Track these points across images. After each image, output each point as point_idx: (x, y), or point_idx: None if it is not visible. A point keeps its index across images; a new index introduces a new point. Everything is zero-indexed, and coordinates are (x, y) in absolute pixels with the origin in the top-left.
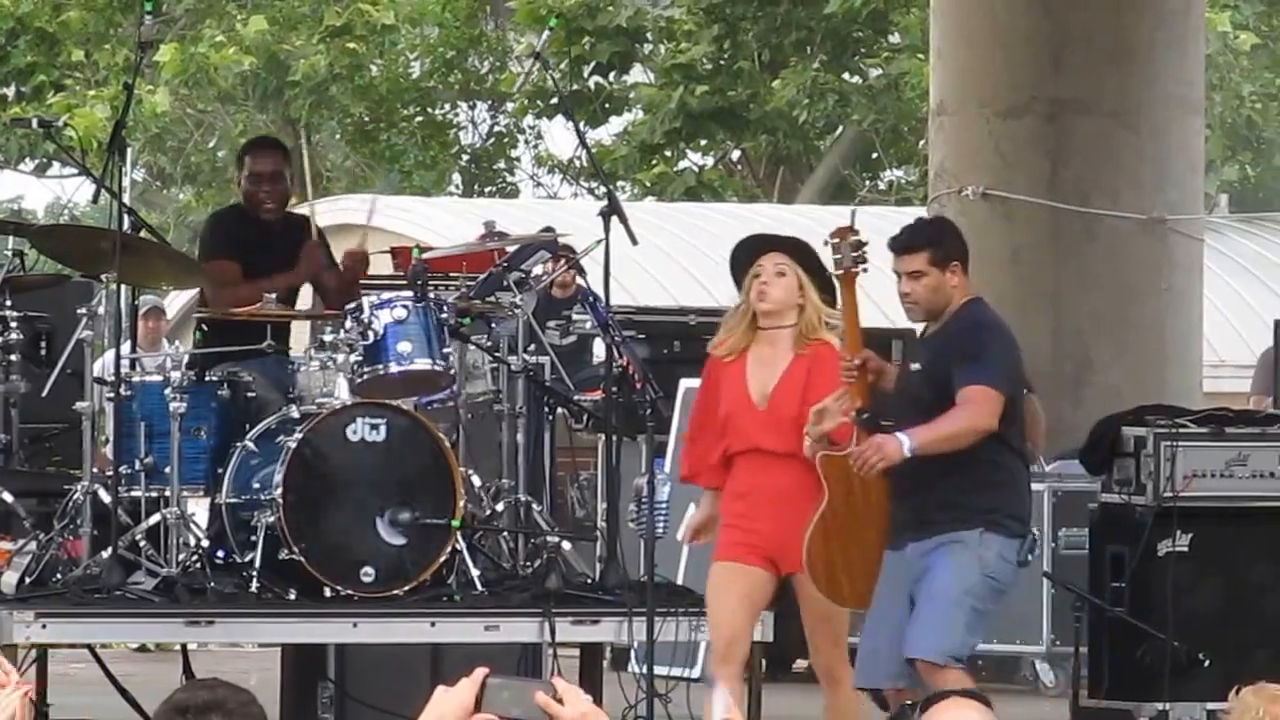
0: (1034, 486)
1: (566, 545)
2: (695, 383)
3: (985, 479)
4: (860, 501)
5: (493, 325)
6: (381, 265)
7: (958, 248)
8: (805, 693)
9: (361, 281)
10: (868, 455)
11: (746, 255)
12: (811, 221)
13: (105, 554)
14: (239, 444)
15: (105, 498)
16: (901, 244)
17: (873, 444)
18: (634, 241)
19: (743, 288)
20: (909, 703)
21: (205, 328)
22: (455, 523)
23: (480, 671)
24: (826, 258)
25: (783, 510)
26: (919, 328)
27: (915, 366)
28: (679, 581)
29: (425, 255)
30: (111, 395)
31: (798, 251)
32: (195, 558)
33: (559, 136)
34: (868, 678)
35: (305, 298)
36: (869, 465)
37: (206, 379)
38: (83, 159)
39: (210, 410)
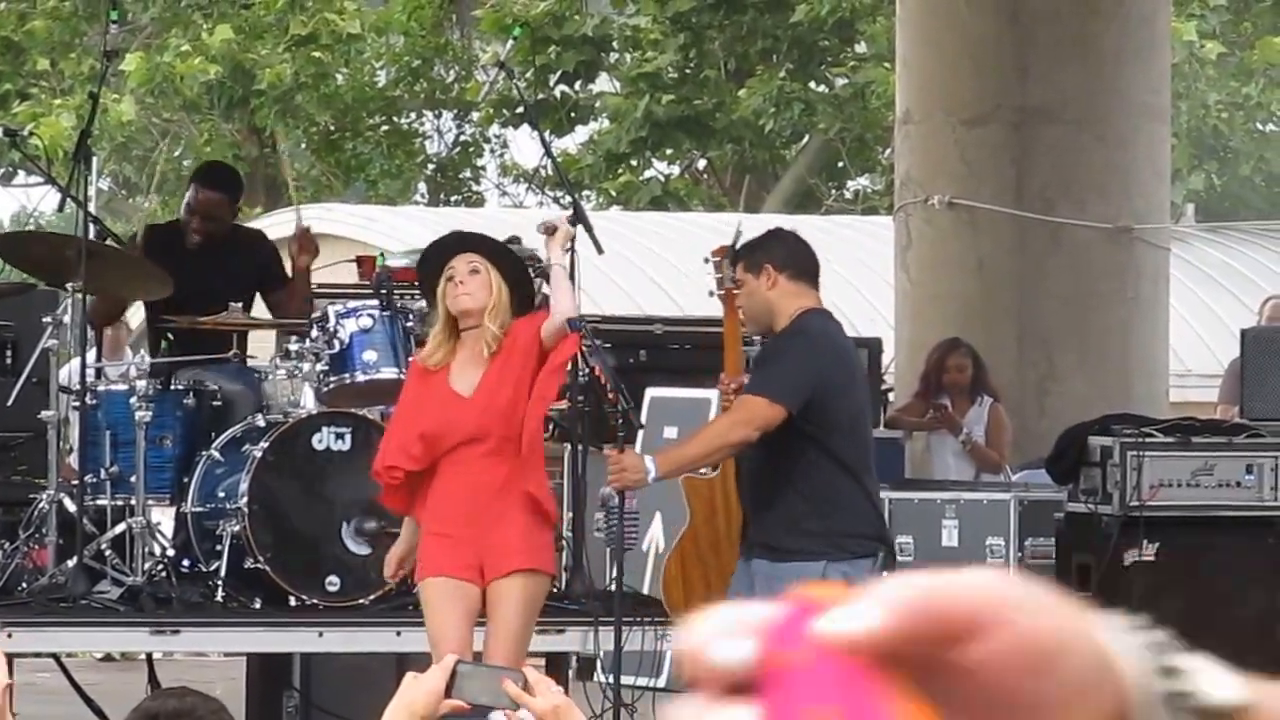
0: (999, 496)
1: None
2: (661, 392)
3: (821, 497)
4: (724, 525)
5: None
6: (347, 274)
7: (771, 252)
8: None
9: (323, 290)
10: (610, 469)
11: (436, 259)
12: None
13: (70, 563)
14: (204, 453)
15: (70, 506)
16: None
17: (617, 460)
18: (600, 251)
19: (436, 293)
20: None
21: (170, 336)
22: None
23: (451, 658)
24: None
25: (489, 512)
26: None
27: None
28: (645, 591)
29: (390, 264)
30: (77, 404)
31: (489, 250)
32: (160, 567)
33: (525, 145)
34: None
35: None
36: (611, 480)
37: (172, 387)
38: (48, 168)
39: (175, 419)
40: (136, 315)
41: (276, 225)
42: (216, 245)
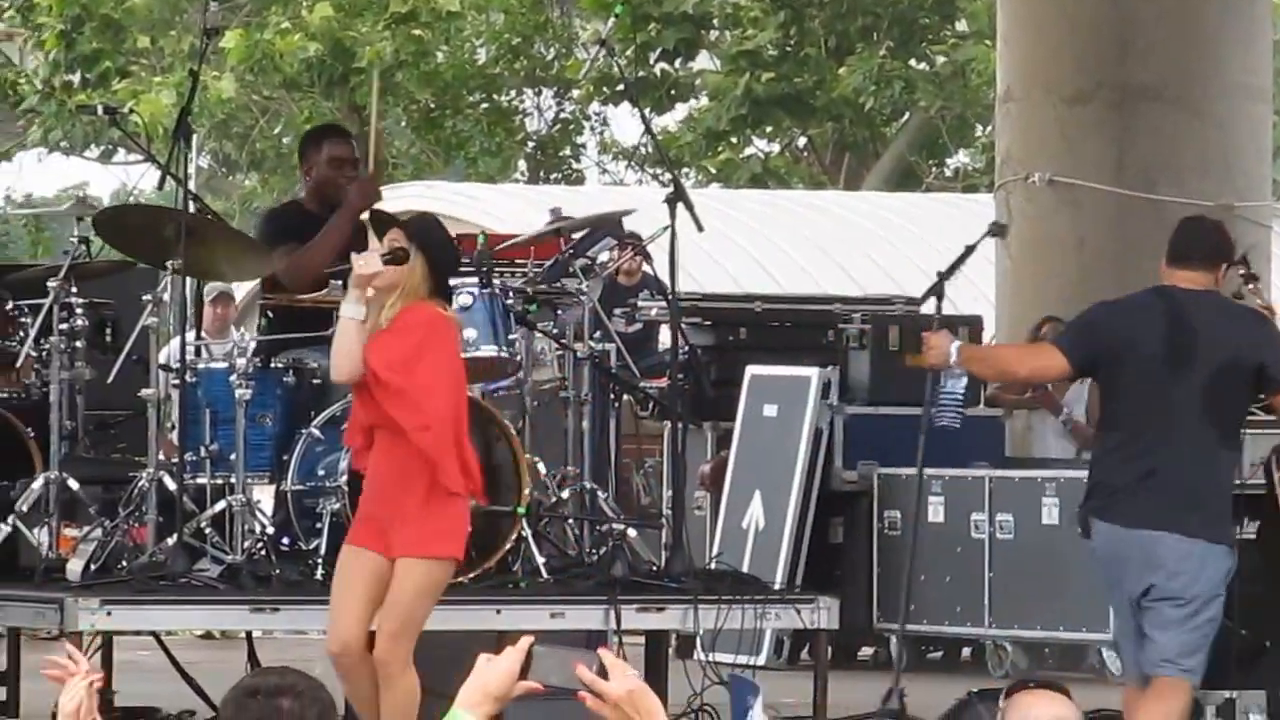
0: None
1: (632, 532)
2: (761, 369)
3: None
4: None
5: (558, 312)
6: None
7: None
8: (870, 679)
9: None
10: (923, 347)
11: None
12: (877, 208)
13: (170, 541)
14: (304, 431)
15: (170, 485)
16: None
17: (926, 338)
18: (700, 228)
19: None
20: (974, 690)
21: (270, 314)
22: (521, 510)
23: (526, 639)
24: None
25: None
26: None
27: None
28: (744, 569)
29: (493, 243)
30: (176, 382)
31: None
32: (260, 544)
33: (624, 123)
34: None
35: None
36: (916, 359)
37: (272, 365)
38: (148, 145)
39: (275, 397)
40: (242, 291)
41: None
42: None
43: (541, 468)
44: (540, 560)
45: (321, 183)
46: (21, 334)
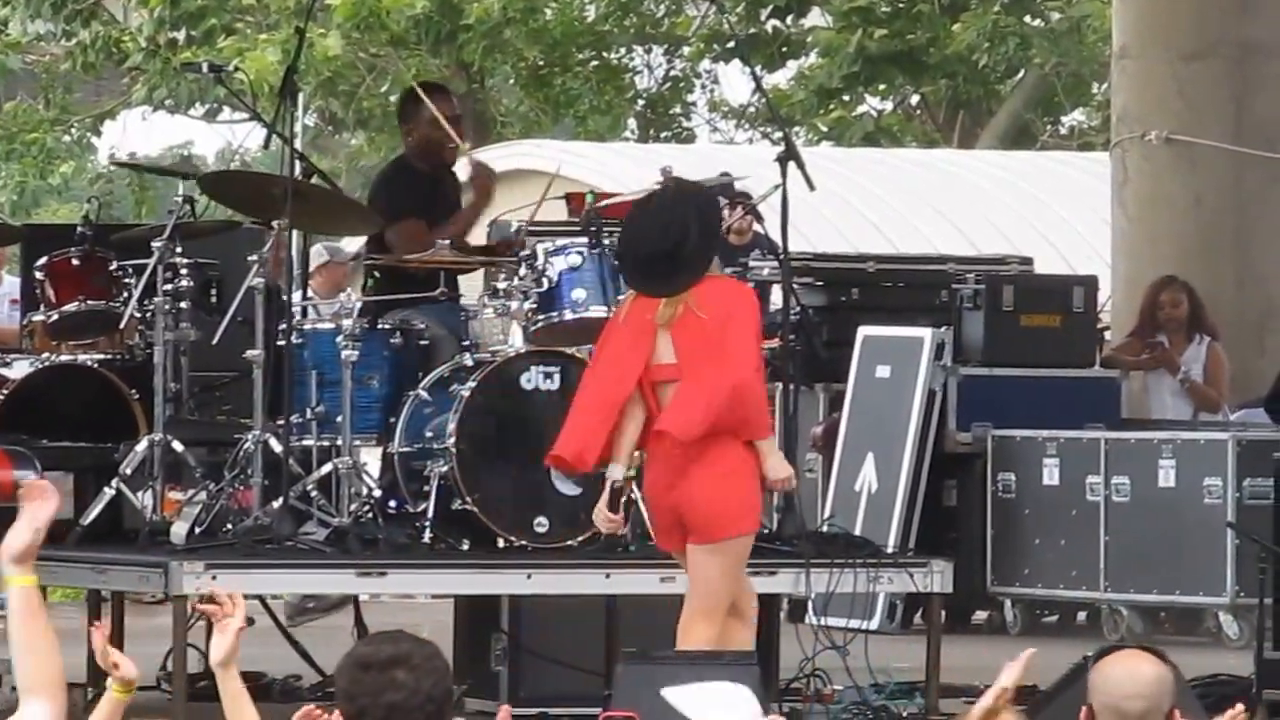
0: (1218, 435)
1: None
2: (874, 330)
3: None
4: None
5: None
6: (556, 211)
7: None
8: (984, 643)
9: (537, 228)
10: None
11: None
12: (991, 166)
13: (276, 504)
14: (411, 392)
15: (276, 447)
16: None
17: None
18: (811, 187)
19: None
20: (1089, 654)
21: (377, 274)
22: (631, 472)
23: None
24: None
25: None
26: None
27: None
28: (857, 532)
29: (601, 203)
30: (284, 343)
31: None
32: (367, 508)
33: (735, 81)
34: None
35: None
36: None
37: (378, 326)
38: (254, 104)
39: (382, 358)
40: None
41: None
42: (444, 173)
43: None
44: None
45: (424, 142)
46: (125, 295)
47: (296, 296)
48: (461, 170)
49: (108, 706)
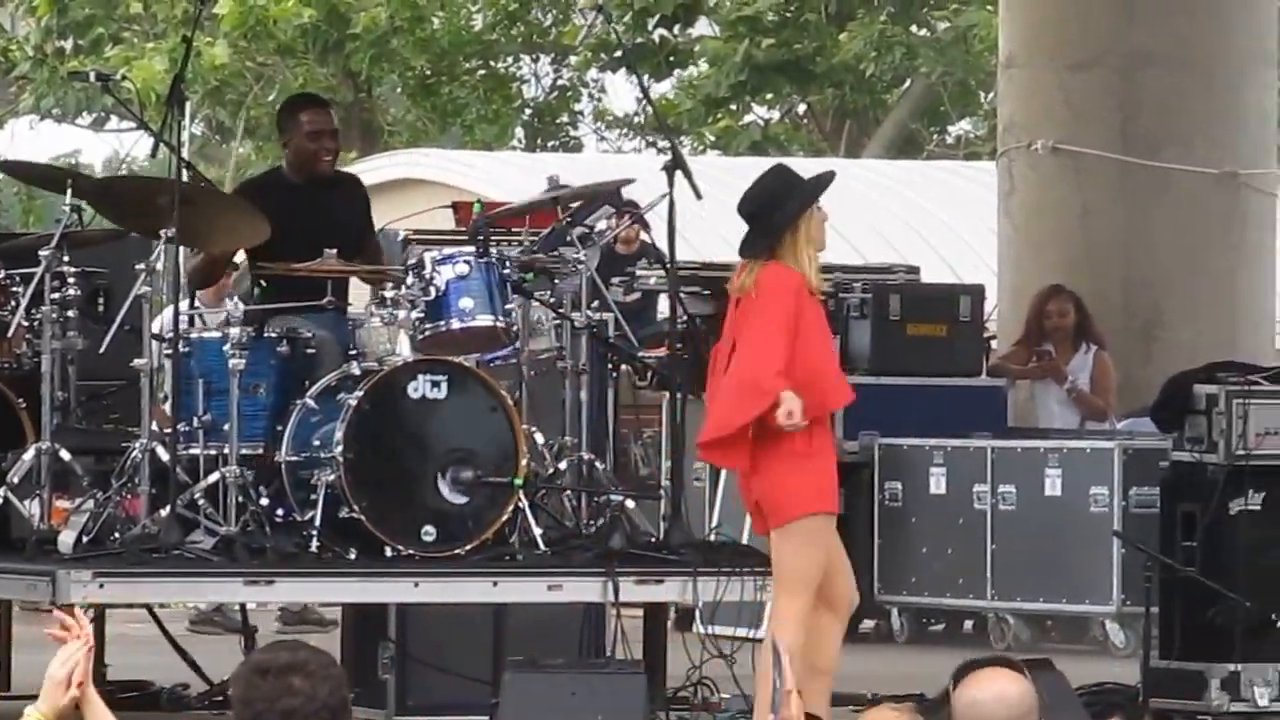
0: (1104, 444)
1: (630, 504)
2: None
3: None
4: None
5: (556, 281)
6: (443, 220)
7: None
8: (871, 652)
9: (420, 236)
10: None
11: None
12: (878, 175)
13: (163, 513)
14: (299, 401)
15: (164, 456)
16: None
17: None
18: (699, 196)
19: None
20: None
21: (264, 283)
22: (518, 481)
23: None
24: None
25: None
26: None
27: None
28: (744, 540)
29: (489, 211)
30: (170, 352)
31: None
32: (254, 516)
33: (622, 90)
34: None
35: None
36: None
37: (265, 335)
38: (141, 113)
39: (269, 367)
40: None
41: (372, 171)
42: (319, 187)
43: (539, 438)
44: (537, 532)
45: (300, 154)
46: (13, 303)
47: (184, 305)
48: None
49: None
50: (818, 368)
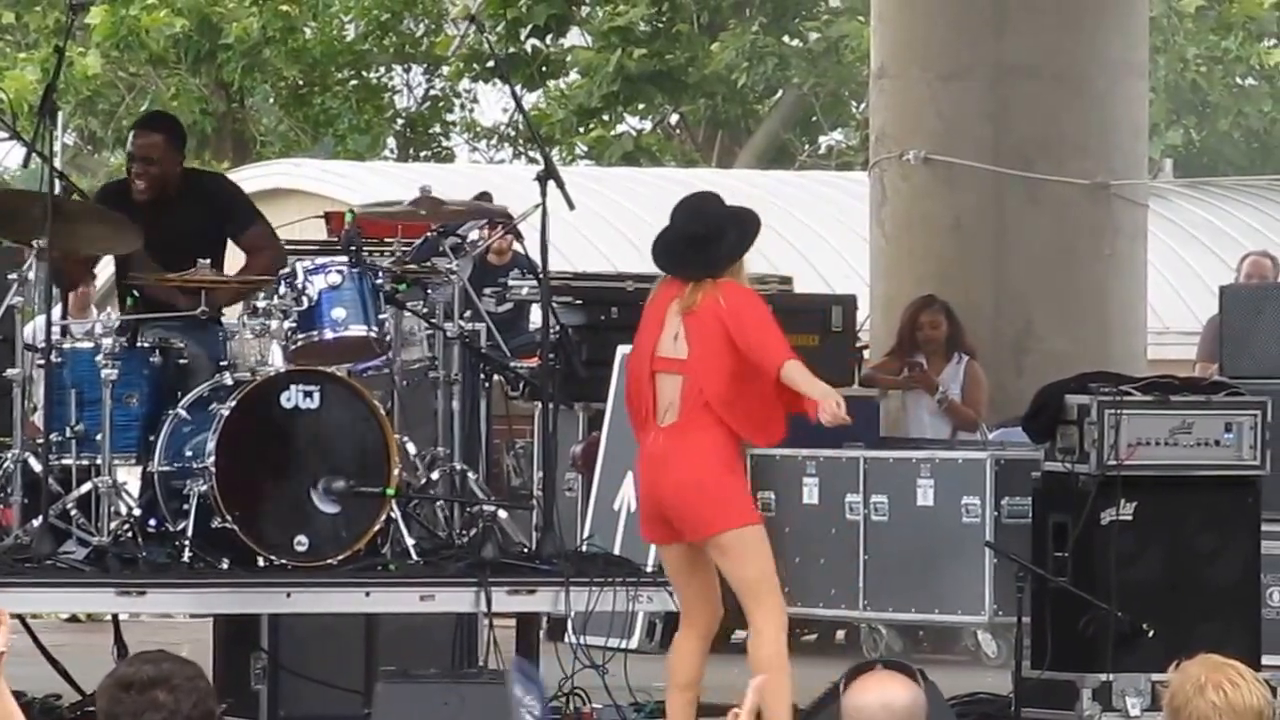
0: (976, 455)
1: (503, 514)
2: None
3: None
4: None
5: (428, 291)
6: (315, 230)
7: None
8: (743, 662)
9: (292, 246)
10: None
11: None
12: (750, 185)
13: (36, 523)
14: (171, 411)
15: (36, 466)
16: None
17: None
18: (571, 206)
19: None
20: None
21: (136, 293)
22: (390, 491)
23: None
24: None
25: None
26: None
27: None
28: (616, 551)
29: (358, 213)
30: (41, 362)
31: None
32: (127, 527)
33: (495, 100)
34: None
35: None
36: None
37: (138, 345)
38: (13, 123)
39: (142, 377)
40: (104, 272)
41: (245, 181)
42: (170, 196)
43: (411, 448)
44: (410, 542)
45: (127, 173)
46: None
47: (56, 314)
48: None
49: None
50: (772, 397)
